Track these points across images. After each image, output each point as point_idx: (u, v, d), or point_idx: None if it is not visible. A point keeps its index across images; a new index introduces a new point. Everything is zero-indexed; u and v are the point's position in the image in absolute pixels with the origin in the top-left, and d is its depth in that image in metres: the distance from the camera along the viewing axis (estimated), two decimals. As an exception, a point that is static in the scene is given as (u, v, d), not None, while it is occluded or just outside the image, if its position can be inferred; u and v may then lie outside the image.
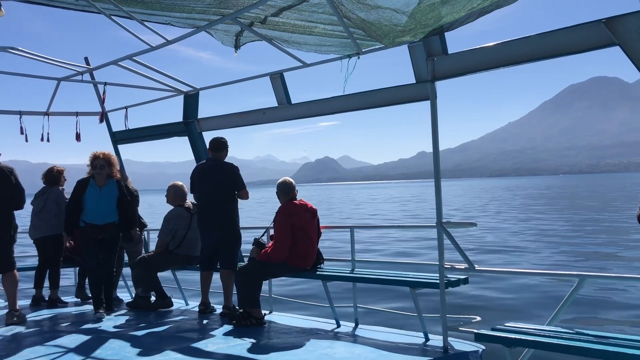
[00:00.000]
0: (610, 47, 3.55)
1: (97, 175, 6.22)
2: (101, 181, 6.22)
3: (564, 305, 3.92)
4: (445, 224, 4.48)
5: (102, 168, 6.20)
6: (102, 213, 6.16)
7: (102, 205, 6.16)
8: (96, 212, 6.14)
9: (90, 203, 6.15)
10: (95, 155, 6.26)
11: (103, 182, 6.23)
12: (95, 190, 6.18)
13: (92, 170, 6.24)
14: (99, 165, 6.20)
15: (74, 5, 4.75)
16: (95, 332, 5.45)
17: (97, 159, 6.23)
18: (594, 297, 9.14)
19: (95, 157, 6.25)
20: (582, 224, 24.64)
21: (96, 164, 6.21)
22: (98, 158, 6.24)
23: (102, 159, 6.23)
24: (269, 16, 4.49)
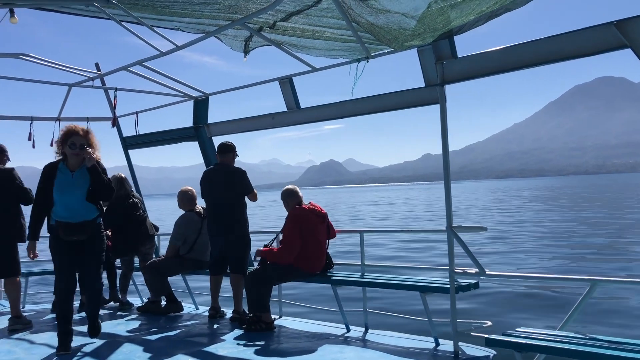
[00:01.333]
0: (621, 50, 3.52)
1: (70, 157, 4.79)
2: (75, 165, 4.80)
3: (575, 309, 3.88)
4: (456, 228, 4.45)
5: (82, 149, 4.75)
6: (77, 206, 4.77)
7: (76, 196, 4.76)
8: (69, 205, 4.75)
9: (61, 194, 4.73)
10: (71, 131, 4.78)
11: (77, 166, 4.81)
12: (66, 177, 4.76)
13: (65, 149, 4.79)
14: (79, 145, 4.75)
15: (85, 12, 4.79)
16: (106, 336, 5.46)
17: (75, 135, 4.75)
18: (606, 301, 9.05)
19: (71, 133, 4.76)
20: (593, 226, 24.44)
21: (73, 141, 4.74)
22: (76, 134, 4.75)
23: (82, 136, 4.78)
24: (278, 21, 4.50)
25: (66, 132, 4.80)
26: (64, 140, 4.77)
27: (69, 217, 4.73)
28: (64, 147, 4.77)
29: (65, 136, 4.79)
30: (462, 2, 3.54)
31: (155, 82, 6.72)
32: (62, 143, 4.78)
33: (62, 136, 4.81)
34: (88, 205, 4.81)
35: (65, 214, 4.73)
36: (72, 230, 4.76)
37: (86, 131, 4.85)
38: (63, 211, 4.73)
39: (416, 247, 18.83)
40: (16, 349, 5.06)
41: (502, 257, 15.98)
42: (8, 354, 4.90)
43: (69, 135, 4.77)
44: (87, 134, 4.83)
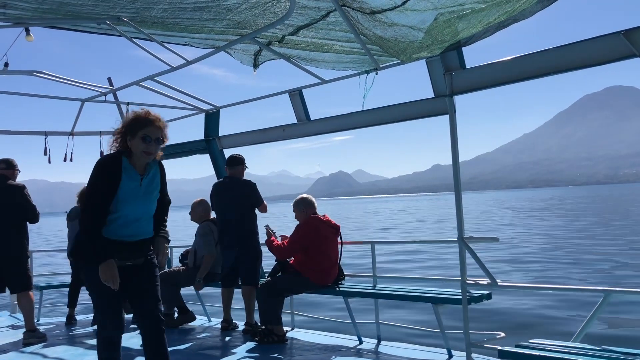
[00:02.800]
0: (630, 59, 3.51)
1: (139, 155, 3.38)
2: (142, 166, 3.45)
3: (589, 321, 3.84)
4: (467, 239, 4.44)
5: (159, 144, 3.43)
6: (144, 223, 3.49)
7: (145, 210, 3.47)
8: (134, 221, 3.41)
9: (126, 204, 3.36)
10: (145, 118, 3.39)
11: (144, 168, 3.47)
12: (134, 182, 3.39)
13: (131, 142, 3.37)
14: (154, 138, 3.38)
15: (97, 30, 4.87)
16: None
17: (150, 125, 3.37)
18: (621, 312, 8.94)
19: (145, 121, 3.37)
20: (610, 237, 24.18)
21: (148, 133, 3.35)
22: (152, 124, 3.38)
23: (160, 127, 3.42)
24: (287, 35, 4.54)
25: (136, 118, 3.40)
26: (133, 128, 3.35)
27: (128, 235, 3.41)
28: (132, 138, 3.35)
29: (134, 123, 3.37)
30: (470, 14, 3.56)
31: (166, 96, 6.79)
32: (128, 132, 3.37)
33: (130, 123, 3.39)
34: (151, 221, 3.58)
35: (124, 231, 3.39)
36: (131, 252, 3.47)
37: (161, 118, 3.49)
38: (123, 228, 3.38)
39: (427, 258, 18.75)
40: None
41: (514, 267, 15.86)
42: None
43: (142, 123, 3.36)
44: (164, 127, 3.49)
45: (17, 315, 7.63)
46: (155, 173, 3.53)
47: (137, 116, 3.41)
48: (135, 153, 3.37)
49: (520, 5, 3.40)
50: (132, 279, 3.49)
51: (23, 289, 5.99)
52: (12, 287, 6.02)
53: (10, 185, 5.98)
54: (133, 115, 3.43)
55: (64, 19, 4.56)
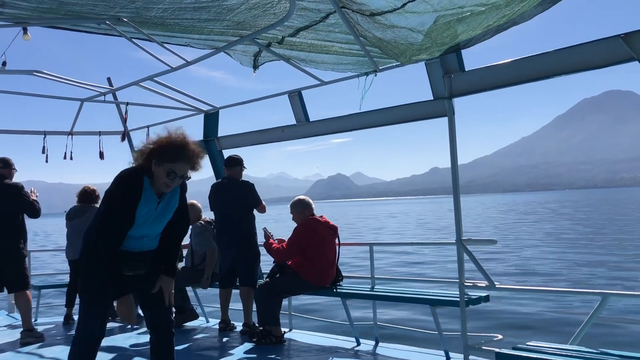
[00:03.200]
0: (629, 63, 3.52)
1: (159, 184, 3.23)
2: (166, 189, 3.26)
3: (587, 323, 3.85)
4: (465, 241, 4.45)
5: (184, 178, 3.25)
6: (151, 240, 3.42)
7: (155, 230, 3.40)
8: (143, 238, 3.35)
9: (140, 227, 3.28)
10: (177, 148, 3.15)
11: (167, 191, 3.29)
12: (151, 205, 3.25)
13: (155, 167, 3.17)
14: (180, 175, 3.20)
15: (96, 29, 4.87)
16: (117, 350, 5.49)
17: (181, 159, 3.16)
18: (619, 315, 8.95)
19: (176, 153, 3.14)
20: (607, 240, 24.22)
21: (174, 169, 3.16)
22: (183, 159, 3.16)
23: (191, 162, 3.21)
24: (287, 36, 4.54)
25: (170, 146, 3.14)
26: (162, 155, 3.14)
27: (132, 247, 3.33)
28: (157, 164, 3.16)
29: (163, 152, 3.14)
30: (469, 17, 3.56)
31: (166, 96, 6.79)
32: (154, 156, 3.16)
33: (161, 149, 3.14)
34: (158, 237, 3.46)
35: (130, 244, 3.31)
36: (131, 262, 3.36)
37: (198, 152, 3.23)
38: (129, 242, 3.30)
39: (426, 260, 18.76)
40: None
41: (512, 269, 15.88)
42: None
43: (174, 156, 3.14)
44: (198, 157, 3.24)
45: (15, 314, 7.61)
46: (173, 194, 3.39)
47: (171, 144, 3.15)
48: (158, 178, 3.20)
49: (519, 9, 3.41)
50: (138, 287, 3.42)
51: (20, 289, 5.98)
52: (10, 286, 6.01)
53: (7, 185, 5.98)
54: (167, 141, 3.16)
55: (64, 19, 4.56)
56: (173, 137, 3.18)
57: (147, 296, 3.43)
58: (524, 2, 3.30)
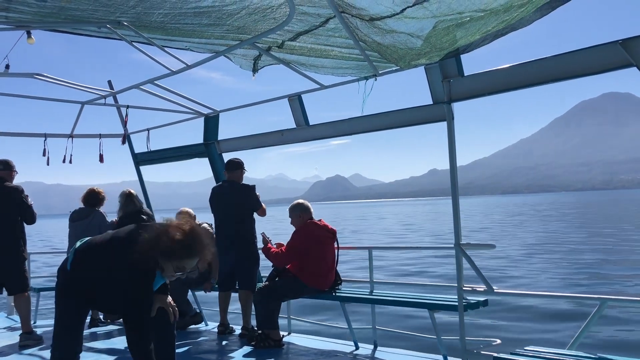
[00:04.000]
0: (627, 69, 3.53)
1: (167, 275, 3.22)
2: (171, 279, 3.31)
3: (585, 329, 3.85)
4: (464, 245, 4.45)
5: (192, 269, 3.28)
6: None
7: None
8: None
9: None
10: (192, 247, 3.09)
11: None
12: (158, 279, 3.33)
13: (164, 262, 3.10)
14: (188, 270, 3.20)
15: (97, 33, 4.89)
16: (115, 352, 5.49)
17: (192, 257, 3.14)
18: (617, 320, 8.95)
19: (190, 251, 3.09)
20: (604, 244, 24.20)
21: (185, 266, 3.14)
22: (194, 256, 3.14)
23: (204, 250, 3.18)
24: (286, 40, 4.56)
25: (182, 247, 3.05)
26: (172, 254, 3.06)
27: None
28: (164, 261, 3.11)
29: (177, 251, 3.06)
30: (468, 22, 3.58)
31: (166, 99, 6.81)
32: (165, 255, 3.07)
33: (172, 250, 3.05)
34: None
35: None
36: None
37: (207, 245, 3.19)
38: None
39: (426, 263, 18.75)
40: None
41: (512, 274, 15.87)
42: None
43: (185, 255, 3.09)
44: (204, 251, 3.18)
45: (14, 317, 7.62)
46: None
47: (179, 246, 3.04)
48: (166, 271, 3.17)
49: (518, 14, 3.43)
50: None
51: (20, 291, 5.99)
52: (9, 288, 6.02)
53: (7, 187, 5.99)
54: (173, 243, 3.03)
55: (65, 23, 4.58)
56: (183, 238, 3.06)
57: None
58: (522, 8, 3.32)
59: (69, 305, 3.25)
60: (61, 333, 3.30)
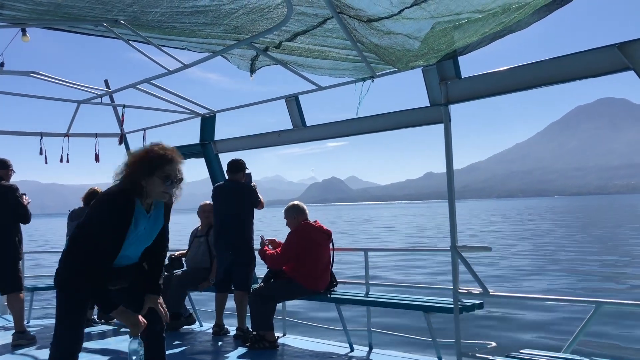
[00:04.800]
0: (624, 72, 3.54)
1: (156, 194, 3.07)
2: (149, 204, 3.18)
3: (580, 332, 3.85)
4: (460, 248, 4.45)
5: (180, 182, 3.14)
6: (137, 255, 3.29)
7: (139, 248, 3.26)
8: (130, 255, 3.22)
9: (131, 246, 3.16)
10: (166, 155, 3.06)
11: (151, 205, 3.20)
12: (139, 226, 3.13)
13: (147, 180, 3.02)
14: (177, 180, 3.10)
15: (94, 31, 4.86)
16: (110, 353, 5.46)
17: (172, 162, 3.07)
18: (612, 323, 8.95)
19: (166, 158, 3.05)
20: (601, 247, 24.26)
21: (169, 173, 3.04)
22: (173, 160, 3.09)
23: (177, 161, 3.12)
24: (284, 41, 4.55)
25: (151, 158, 3.04)
26: (150, 167, 3.02)
27: (120, 261, 3.17)
28: (148, 177, 3.02)
29: (151, 162, 3.03)
30: (466, 24, 3.58)
31: (163, 99, 6.79)
32: (142, 171, 3.02)
33: (145, 161, 3.03)
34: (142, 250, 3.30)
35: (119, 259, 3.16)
36: (116, 277, 3.20)
37: (174, 150, 3.16)
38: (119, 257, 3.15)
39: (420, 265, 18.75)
40: None
41: (506, 276, 15.88)
42: None
43: (162, 161, 3.03)
44: (179, 156, 3.17)
45: (7, 316, 7.57)
46: (159, 209, 3.25)
47: (151, 154, 3.03)
48: (151, 194, 3.04)
49: (516, 16, 3.43)
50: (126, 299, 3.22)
51: (13, 290, 5.96)
52: (2, 288, 5.99)
53: (3, 186, 5.96)
54: (146, 153, 3.04)
55: (61, 20, 4.56)
56: (152, 149, 3.07)
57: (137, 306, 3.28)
58: (520, 10, 3.31)
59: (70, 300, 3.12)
60: (62, 331, 3.21)
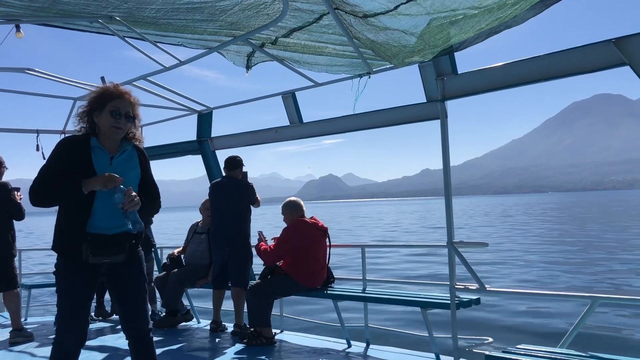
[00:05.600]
0: (620, 67, 3.54)
1: (108, 130, 3.09)
2: (113, 146, 3.15)
3: (576, 327, 3.86)
4: (457, 243, 4.45)
5: (129, 119, 3.13)
6: (116, 212, 3.02)
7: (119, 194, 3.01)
8: (107, 209, 3.02)
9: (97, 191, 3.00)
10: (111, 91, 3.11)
11: (117, 147, 3.17)
12: (102, 161, 3.08)
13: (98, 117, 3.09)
14: (124, 111, 3.10)
15: (89, 28, 4.84)
16: (108, 350, 5.46)
17: (118, 97, 3.11)
18: (608, 318, 8.99)
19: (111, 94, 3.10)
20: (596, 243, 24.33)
21: (117, 106, 3.08)
22: (120, 97, 3.11)
23: (129, 100, 3.14)
24: (280, 37, 4.53)
25: (103, 91, 3.11)
26: (100, 102, 3.07)
27: (104, 228, 3.04)
28: (99, 113, 3.07)
29: (101, 97, 3.09)
30: (462, 20, 3.57)
31: (159, 96, 6.77)
32: (95, 108, 3.08)
33: (96, 97, 3.10)
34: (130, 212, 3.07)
35: (98, 222, 3.03)
36: (107, 247, 3.06)
37: (134, 98, 3.19)
38: (96, 219, 3.03)
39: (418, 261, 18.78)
40: None
41: (503, 271, 15.92)
42: None
43: (110, 96, 3.08)
44: (135, 102, 3.19)
45: (4, 314, 7.57)
46: (131, 154, 3.22)
47: (104, 89, 3.12)
48: (104, 130, 3.09)
49: (512, 12, 3.42)
50: (115, 283, 3.21)
51: (9, 288, 5.95)
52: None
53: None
54: (99, 89, 3.15)
55: (56, 17, 4.54)
56: (104, 85, 3.18)
57: (124, 298, 3.21)
58: (516, 6, 3.31)
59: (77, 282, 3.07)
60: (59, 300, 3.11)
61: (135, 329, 3.24)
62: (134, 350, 3.29)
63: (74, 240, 3.01)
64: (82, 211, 3.01)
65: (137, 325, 3.23)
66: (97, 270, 3.10)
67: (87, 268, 3.05)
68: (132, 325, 3.24)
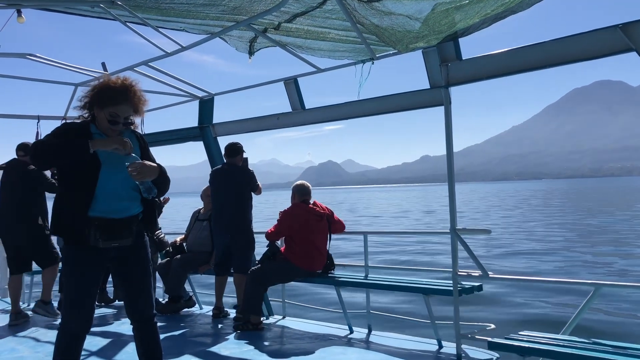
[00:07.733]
0: (626, 53, 3.51)
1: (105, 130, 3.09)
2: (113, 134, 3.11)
3: (579, 314, 3.86)
4: (459, 230, 4.45)
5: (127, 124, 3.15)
6: (124, 195, 3.08)
7: (122, 179, 3.04)
8: (113, 192, 3.04)
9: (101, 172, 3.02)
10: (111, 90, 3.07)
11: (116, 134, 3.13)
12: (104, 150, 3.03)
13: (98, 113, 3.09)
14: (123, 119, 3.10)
15: (90, 13, 4.80)
16: (112, 335, 5.48)
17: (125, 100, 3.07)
18: (611, 305, 9.01)
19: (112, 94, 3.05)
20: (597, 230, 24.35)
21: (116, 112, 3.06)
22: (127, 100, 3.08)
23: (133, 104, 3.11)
24: (283, 22, 4.49)
25: (107, 88, 3.06)
26: (101, 100, 3.06)
27: (111, 211, 3.03)
28: (99, 110, 3.08)
29: (104, 95, 3.06)
30: (467, 5, 3.53)
31: (160, 82, 6.73)
32: (95, 102, 3.09)
33: (99, 94, 3.08)
34: (134, 194, 3.13)
35: (105, 205, 3.01)
36: (115, 230, 3.06)
37: (140, 95, 3.13)
38: (102, 202, 3.00)
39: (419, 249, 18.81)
40: (20, 347, 5.09)
41: (504, 258, 15.95)
42: (12, 352, 4.93)
43: (113, 98, 3.04)
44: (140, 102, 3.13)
45: (6, 299, 7.59)
46: (131, 140, 3.17)
47: (107, 87, 3.07)
48: (101, 126, 3.10)
49: (518, -3, 3.38)
50: (120, 267, 3.21)
51: (50, 264, 6.32)
52: (39, 263, 6.36)
53: (29, 171, 6.12)
54: (103, 84, 3.09)
55: (57, 1, 4.50)
56: (110, 80, 3.12)
57: (129, 282, 3.22)
58: (522, -9, 3.27)
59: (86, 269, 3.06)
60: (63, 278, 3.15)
61: (140, 312, 3.26)
62: (138, 335, 3.32)
63: (77, 223, 2.98)
64: (84, 193, 2.98)
65: (141, 309, 3.25)
66: (104, 255, 3.10)
67: (94, 253, 3.05)
68: (137, 309, 3.25)
